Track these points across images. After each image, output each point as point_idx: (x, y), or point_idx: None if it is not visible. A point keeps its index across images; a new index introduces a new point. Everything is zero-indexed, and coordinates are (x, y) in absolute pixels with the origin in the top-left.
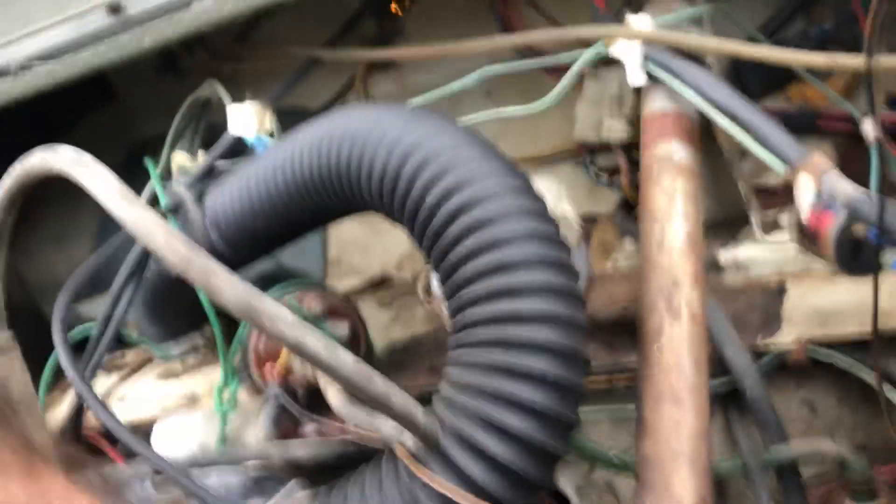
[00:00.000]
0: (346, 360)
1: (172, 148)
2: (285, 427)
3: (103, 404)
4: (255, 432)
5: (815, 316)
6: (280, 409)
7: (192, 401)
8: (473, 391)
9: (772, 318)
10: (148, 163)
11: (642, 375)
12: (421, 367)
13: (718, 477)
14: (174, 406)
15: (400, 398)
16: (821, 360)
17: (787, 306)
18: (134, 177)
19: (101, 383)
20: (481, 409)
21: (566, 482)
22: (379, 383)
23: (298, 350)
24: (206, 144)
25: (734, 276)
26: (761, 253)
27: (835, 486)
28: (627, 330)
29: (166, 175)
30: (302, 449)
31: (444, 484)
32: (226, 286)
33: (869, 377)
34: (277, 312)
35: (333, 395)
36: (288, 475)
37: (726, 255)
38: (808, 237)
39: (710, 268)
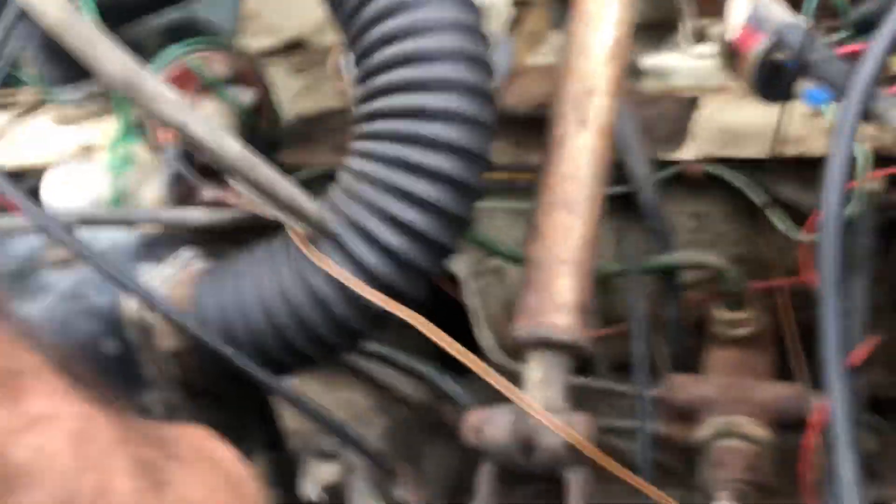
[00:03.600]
0: (231, 146)
1: None
2: (183, 190)
3: None
4: (152, 192)
5: (720, 135)
6: (177, 172)
7: (88, 151)
8: (371, 181)
9: (679, 132)
10: None
11: (541, 181)
12: (327, 143)
13: (605, 276)
14: (69, 154)
15: (285, 189)
16: (715, 177)
17: (695, 121)
18: None
19: None
20: (377, 200)
21: (460, 266)
22: (264, 172)
23: (181, 132)
24: None
25: (653, 83)
26: (683, 63)
27: (710, 293)
28: (538, 129)
29: None
30: (196, 215)
31: (333, 266)
32: (105, 59)
33: (757, 197)
34: (160, 92)
35: None
36: (182, 239)
37: (649, 60)
38: (731, 54)
39: (631, 72)
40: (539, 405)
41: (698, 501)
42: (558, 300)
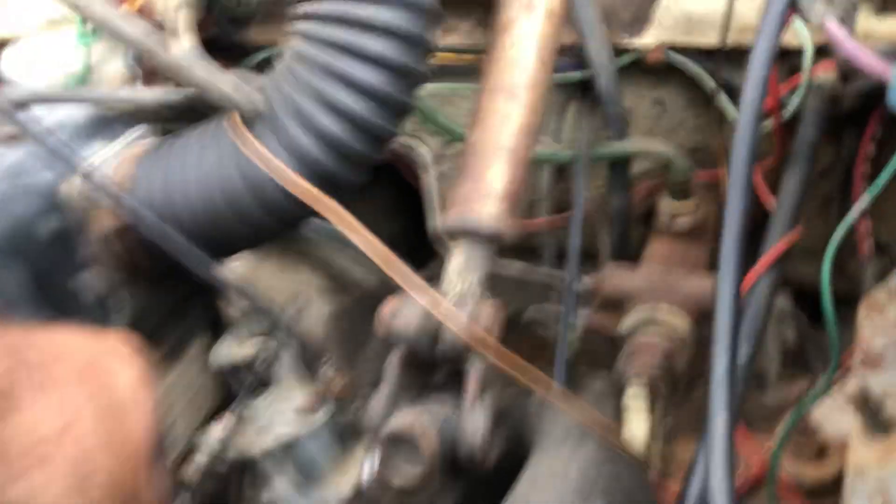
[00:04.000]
0: (133, 30)
1: None
2: (148, 66)
3: None
4: (116, 67)
5: (684, 21)
6: None
7: (55, 24)
8: (309, 63)
9: (642, 17)
10: None
11: (487, 66)
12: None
13: (558, 163)
14: (36, 26)
15: (208, 77)
16: (675, 64)
17: (661, 7)
18: None
19: None
20: (314, 83)
21: (425, 150)
22: (174, 54)
23: (96, 20)
24: None
25: None
26: None
27: (658, 182)
28: None
29: None
30: (146, 95)
31: (261, 151)
32: None
33: (712, 85)
34: None
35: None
36: (138, 118)
37: None
38: None
39: None
40: (453, 294)
41: None
42: (487, 188)
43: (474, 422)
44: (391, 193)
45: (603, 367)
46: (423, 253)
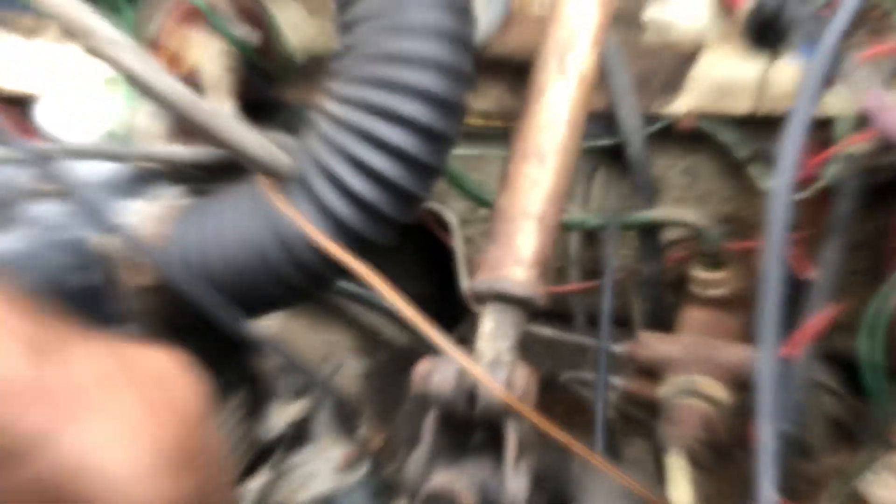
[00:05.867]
0: (174, 92)
1: None
2: (187, 129)
3: None
4: (161, 125)
5: (716, 89)
6: None
7: (112, 83)
8: (342, 125)
9: (674, 84)
10: None
11: (518, 131)
12: None
13: (587, 229)
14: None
15: (243, 139)
16: (707, 132)
17: (692, 74)
18: None
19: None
20: (347, 145)
21: (451, 213)
22: (212, 117)
23: (135, 80)
24: None
25: (653, 35)
26: (686, 13)
27: (690, 252)
28: None
29: None
30: (183, 152)
31: (294, 212)
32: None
33: (744, 154)
34: (110, 36)
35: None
36: (178, 175)
37: (650, 12)
38: (724, 5)
39: (631, 23)
40: (487, 357)
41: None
42: (517, 254)
43: (515, 482)
44: (419, 253)
45: (639, 434)
46: (451, 315)
